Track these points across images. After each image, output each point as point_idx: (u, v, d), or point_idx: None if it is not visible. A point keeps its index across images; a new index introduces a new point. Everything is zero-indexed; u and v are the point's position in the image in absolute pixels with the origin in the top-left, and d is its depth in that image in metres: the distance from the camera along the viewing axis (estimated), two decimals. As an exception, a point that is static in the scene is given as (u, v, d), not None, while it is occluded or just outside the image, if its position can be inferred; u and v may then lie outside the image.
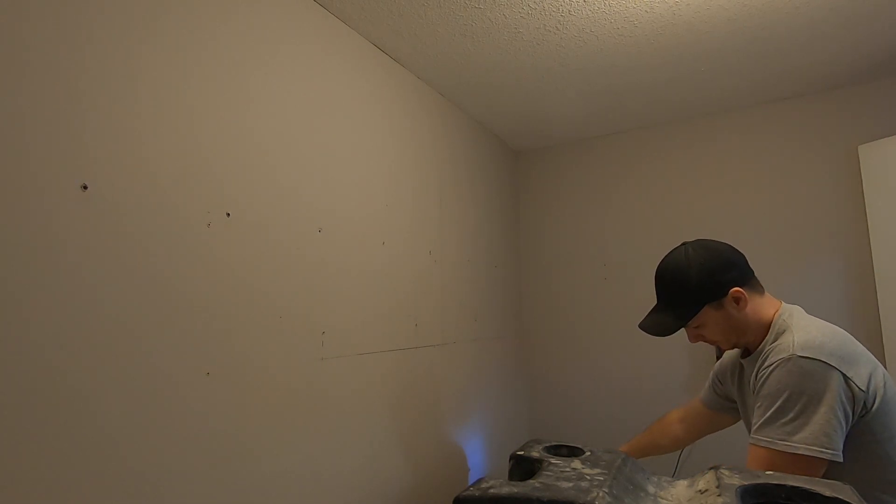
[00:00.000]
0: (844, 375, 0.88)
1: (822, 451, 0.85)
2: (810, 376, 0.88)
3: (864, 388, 0.88)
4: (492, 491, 0.67)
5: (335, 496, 1.20)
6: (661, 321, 1.05)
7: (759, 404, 0.94)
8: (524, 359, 2.34)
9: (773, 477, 0.68)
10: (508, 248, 2.30)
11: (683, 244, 1.08)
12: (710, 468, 0.74)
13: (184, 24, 0.97)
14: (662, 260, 1.09)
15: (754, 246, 1.90)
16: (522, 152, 2.47)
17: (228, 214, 1.02)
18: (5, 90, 0.72)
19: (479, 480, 0.72)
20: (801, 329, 0.96)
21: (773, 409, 0.90)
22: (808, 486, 0.63)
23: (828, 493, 0.61)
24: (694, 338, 1.08)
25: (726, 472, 0.70)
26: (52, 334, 0.74)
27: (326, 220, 1.26)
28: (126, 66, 0.87)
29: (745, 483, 0.66)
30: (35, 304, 0.73)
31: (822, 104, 1.87)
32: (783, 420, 0.89)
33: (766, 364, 0.96)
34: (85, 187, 0.80)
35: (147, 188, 0.88)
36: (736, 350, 1.13)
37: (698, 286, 1.01)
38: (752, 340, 1.04)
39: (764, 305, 1.03)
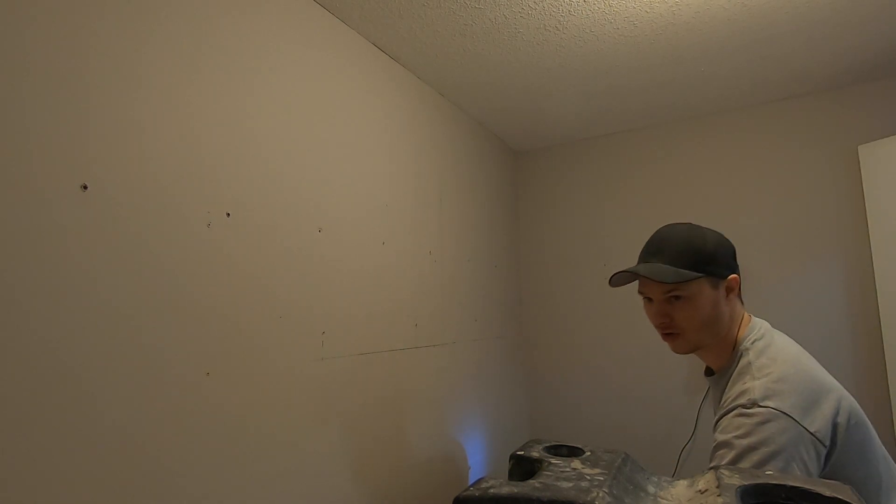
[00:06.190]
0: (807, 430, 0.83)
1: None
2: (770, 428, 0.83)
3: (825, 439, 0.84)
4: (492, 491, 0.67)
5: (335, 496, 1.20)
6: (660, 269, 0.97)
7: (717, 450, 0.88)
8: (524, 359, 2.34)
9: (773, 477, 0.68)
10: (508, 248, 2.30)
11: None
12: (710, 468, 0.74)
13: (184, 25, 0.97)
14: (667, 225, 1.05)
15: (754, 246, 1.90)
16: (522, 152, 2.47)
17: (228, 214, 1.02)
18: (6, 90, 0.72)
19: (479, 480, 0.71)
20: (763, 368, 0.92)
21: (728, 461, 0.85)
22: (808, 486, 0.63)
23: (828, 493, 0.61)
24: (661, 315, 1.00)
25: (726, 472, 0.70)
26: (52, 334, 0.74)
27: (326, 220, 1.26)
28: (127, 66, 0.87)
29: (745, 483, 0.66)
30: (35, 305, 0.73)
31: (822, 104, 1.87)
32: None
33: (728, 400, 0.92)
34: (85, 187, 0.80)
35: (147, 188, 0.88)
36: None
37: (711, 253, 0.97)
38: (715, 349, 1.01)
39: (739, 312, 1.01)
